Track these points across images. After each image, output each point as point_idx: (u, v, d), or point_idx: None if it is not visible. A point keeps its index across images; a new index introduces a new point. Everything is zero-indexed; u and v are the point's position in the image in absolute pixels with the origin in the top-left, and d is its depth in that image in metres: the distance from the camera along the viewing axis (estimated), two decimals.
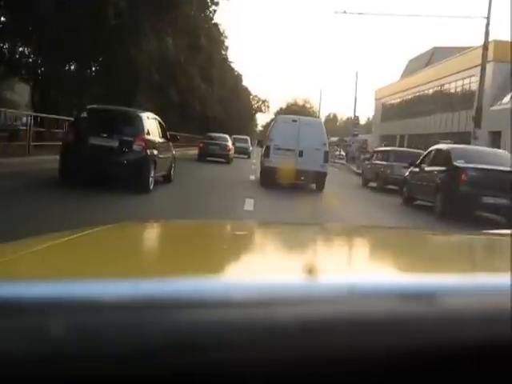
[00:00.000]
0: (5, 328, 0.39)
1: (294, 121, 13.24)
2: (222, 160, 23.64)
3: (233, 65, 56.18)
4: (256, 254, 1.02)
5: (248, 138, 35.57)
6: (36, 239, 0.92)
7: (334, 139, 60.71)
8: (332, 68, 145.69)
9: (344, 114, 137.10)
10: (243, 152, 30.21)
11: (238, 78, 63.18)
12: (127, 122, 9.35)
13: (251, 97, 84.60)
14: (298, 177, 12.77)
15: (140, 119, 9.40)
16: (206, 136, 25.86)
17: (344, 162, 35.91)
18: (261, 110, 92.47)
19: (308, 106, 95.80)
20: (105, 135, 8.87)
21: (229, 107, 51.32)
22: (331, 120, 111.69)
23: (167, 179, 11.09)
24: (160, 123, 10.78)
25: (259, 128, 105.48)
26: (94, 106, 10.40)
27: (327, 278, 0.62)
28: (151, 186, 9.27)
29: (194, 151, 26.21)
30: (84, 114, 9.63)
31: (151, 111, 11.24)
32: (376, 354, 0.41)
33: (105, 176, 8.67)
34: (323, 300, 0.45)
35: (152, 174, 9.28)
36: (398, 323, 0.43)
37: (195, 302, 0.43)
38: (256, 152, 27.07)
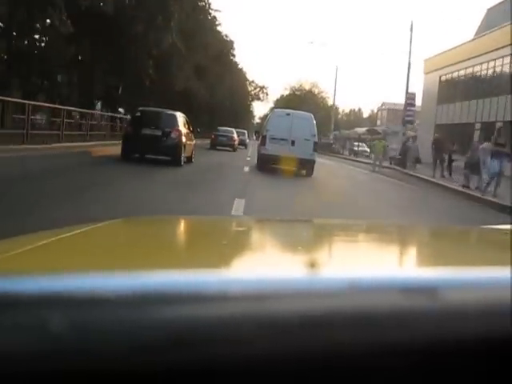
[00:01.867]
0: (2, 324, 0.38)
1: (288, 114, 15.21)
2: (229, 149, 30.16)
3: (221, 27, 42.13)
4: (255, 248, 1.03)
5: (246, 131, 42.77)
6: (36, 235, 0.94)
7: (361, 130, 45.56)
8: (334, 58, 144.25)
9: (346, 105, 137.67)
10: (241, 143, 36.83)
11: (229, 45, 47.41)
12: (167, 118, 13.88)
13: (247, 82, 73.21)
14: (290, 163, 14.41)
15: (175, 116, 14.02)
16: (216, 129, 32.88)
17: (388, 164, 23.40)
18: (259, 98, 79.75)
19: (316, 90, 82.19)
20: (153, 127, 13.41)
21: (217, 86, 40.59)
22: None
23: (190, 160, 15.34)
24: (186, 119, 15.18)
25: (256, 120, 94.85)
26: (145, 108, 15.07)
27: (328, 272, 0.62)
28: (182, 163, 13.71)
29: None
30: (138, 114, 14.32)
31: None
32: (377, 349, 0.41)
33: (152, 154, 13.33)
34: (324, 294, 0.45)
35: (183, 154, 13.78)
36: (399, 317, 0.43)
37: (194, 296, 0.43)
38: (252, 143, 32.97)
